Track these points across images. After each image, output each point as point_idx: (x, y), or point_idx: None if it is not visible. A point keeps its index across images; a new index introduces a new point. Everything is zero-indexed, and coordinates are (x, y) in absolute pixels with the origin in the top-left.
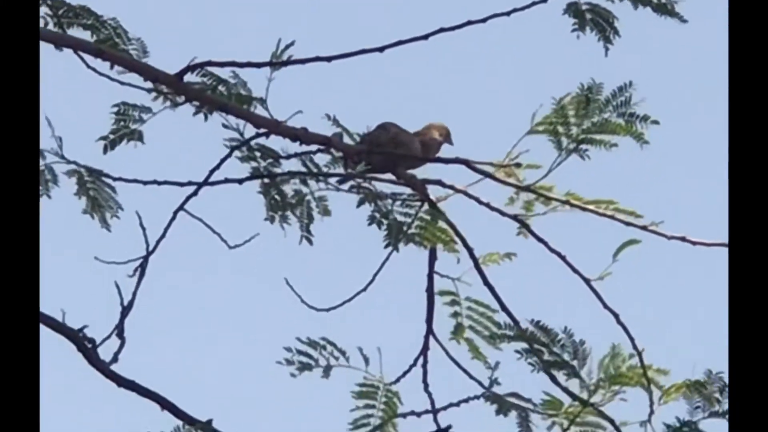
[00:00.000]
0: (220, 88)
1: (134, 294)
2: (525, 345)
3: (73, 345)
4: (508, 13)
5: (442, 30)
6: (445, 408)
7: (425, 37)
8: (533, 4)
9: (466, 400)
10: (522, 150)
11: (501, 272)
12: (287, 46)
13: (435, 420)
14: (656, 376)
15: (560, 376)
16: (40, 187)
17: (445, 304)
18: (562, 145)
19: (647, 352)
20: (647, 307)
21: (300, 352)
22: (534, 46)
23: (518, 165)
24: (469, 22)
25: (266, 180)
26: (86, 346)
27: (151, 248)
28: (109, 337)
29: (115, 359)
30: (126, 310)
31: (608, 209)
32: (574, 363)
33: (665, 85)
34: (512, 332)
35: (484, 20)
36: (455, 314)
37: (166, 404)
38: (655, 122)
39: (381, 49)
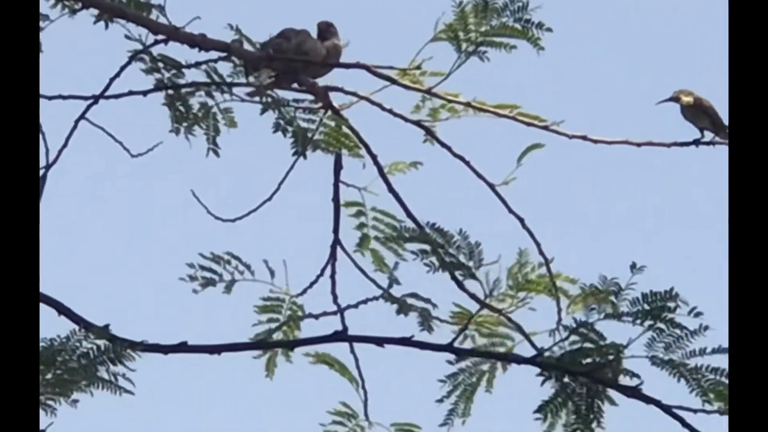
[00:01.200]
0: None
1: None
2: (424, 246)
3: None
4: None
5: None
6: (343, 310)
7: None
8: None
9: (365, 301)
10: (425, 57)
11: (406, 180)
12: None
13: (343, 322)
14: (564, 284)
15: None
16: None
17: (351, 216)
18: (462, 48)
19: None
20: (551, 212)
21: (203, 268)
22: None
23: (419, 68)
24: None
25: (170, 91)
26: None
27: (52, 159)
28: None
29: None
30: None
31: (511, 113)
32: (470, 264)
33: None
34: (410, 234)
35: None
36: (361, 225)
37: (63, 310)
38: (549, 29)
39: None
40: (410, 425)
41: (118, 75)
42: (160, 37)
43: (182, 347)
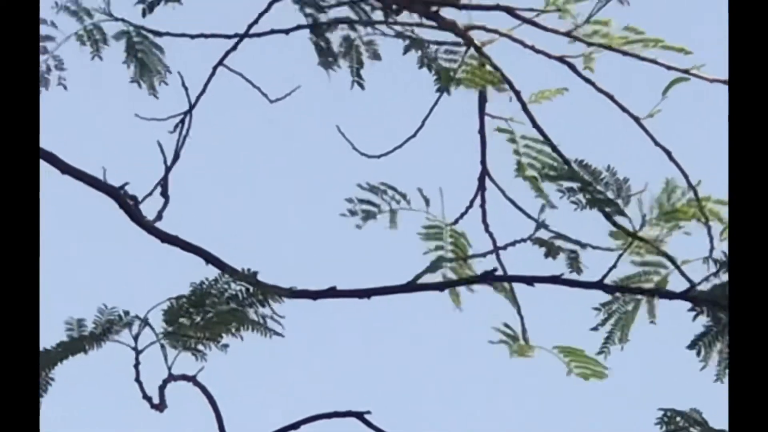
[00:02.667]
0: None
1: (176, 151)
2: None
3: (115, 203)
4: None
5: None
6: (489, 253)
7: None
8: None
9: (513, 243)
10: None
11: (550, 115)
12: None
13: (498, 260)
14: (716, 207)
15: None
16: (90, 48)
17: (506, 142)
18: None
19: (703, 186)
20: (698, 145)
21: (362, 201)
22: None
23: (559, 10)
24: None
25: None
26: (128, 203)
27: (191, 104)
28: (151, 193)
29: (159, 217)
30: (169, 168)
31: (656, 47)
32: (619, 201)
33: None
34: (556, 172)
35: None
36: (516, 152)
37: (210, 258)
38: None
39: None
40: (573, 348)
41: (257, 20)
42: None
43: (331, 292)
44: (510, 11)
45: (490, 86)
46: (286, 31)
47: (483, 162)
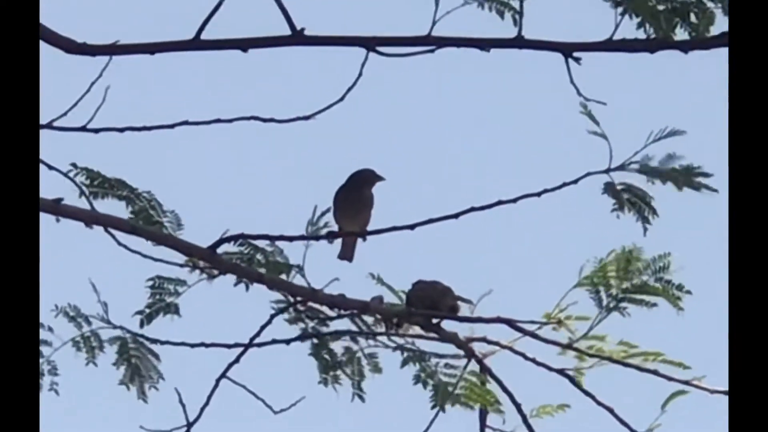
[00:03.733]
0: (258, 256)
1: None
2: None
3: None
4: (538, 194)
5: (473, 209)
6: None
7: (456, 216)
8: (564, 185)
9: None
10: (570, 302)
11: (551, 428)
12: (323, 213)
13: None
14: None
15: None
16: (86, 355)
17: None
18: (602, 303)
19: None
20: None
21: None
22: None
23: (559, 322)
24: (500, 202)
25: (315, 340)
26: None
27: (194, 417)
28: None
29: None
30: None
31: (656, 360)
32: None
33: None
34: None
35: (514, 200)
36: None
37: None
38: (688, 292)
39: (412, 227)
40: None
41: (258, 334)
42: (299, 299)
43: None
44: (511, 323)
45: (487, 406)
46: (287, 341)
47: None
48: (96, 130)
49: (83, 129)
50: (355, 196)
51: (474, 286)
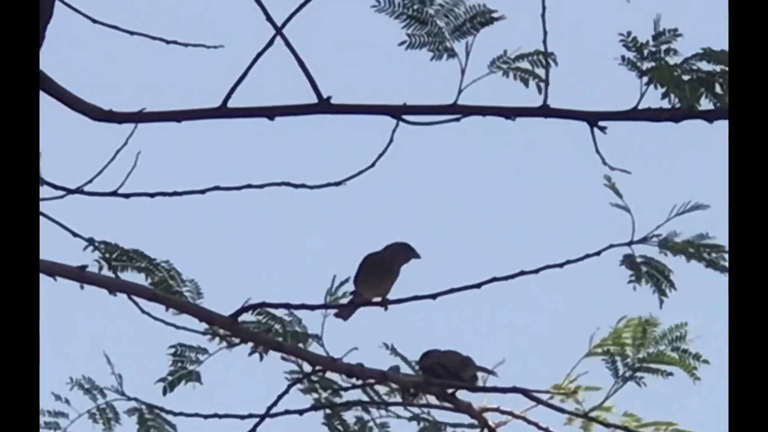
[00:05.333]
0: (276, 326)
1: None
2: None
3: None
4: (561, 265)
5: (495, 279)
6: None
7: (478, 285)
8: (586, 256)
9: None
10: (581, 372)
11: None
12: (342, 283)
13: None
14: None
15: None
16: (102, 426)
17: None
18: (618, 372)
19: None
20: None
21: None
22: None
23: (574, 392)
24: (522, 273)
25: (328, 410)
26: None
27: None
28: None
29: None
30: None
31: (668, 430)
32: None
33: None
34: None
35: (536, 271)
36: None
37: None
38: (706, 362)
39: (434, 296)
40: None
41: (275, 404)
42: (318, 368)
43: None
44: (526, 393)
45: None
46: (301, 412)
47: None
48: (126, 195)
49: (114, 194)
50: (385, 269)
51: (484, 354)
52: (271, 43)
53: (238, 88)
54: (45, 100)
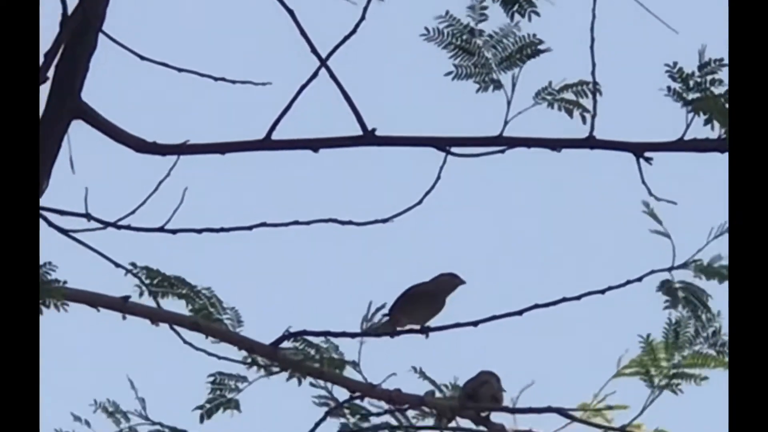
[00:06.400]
0: (313, 353)
1: None
2: None
3: None
4: (602, 291)
5: (537, 306)
6: None
7: (520, 312)
8: (628, 283)
9: None
10: (609, 392)
11: None
12: (378, 309)
13: None
14: None
15: None
16: None
17: None
18: (654, 383)
19: None
20: None
21: None
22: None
23: (607, 409)
24: (564, 299)
25: None
26: None
27: None
28: None
29: None
30: None
31: None
32: None
33: None
34: None
35: (578, 297)
36: None
37: None
38: None
39: (475, 324)
40: None
41: (323, 420)
42: (356, 394)
43: None
44: (561, 412)
45: None
46: None
47: None
48: (174, 231)
49: (161, 229)
50: (431, 300)
51: (512, 375)
52: (315, 74)
53: (283, 121)
54: (88, 132)
